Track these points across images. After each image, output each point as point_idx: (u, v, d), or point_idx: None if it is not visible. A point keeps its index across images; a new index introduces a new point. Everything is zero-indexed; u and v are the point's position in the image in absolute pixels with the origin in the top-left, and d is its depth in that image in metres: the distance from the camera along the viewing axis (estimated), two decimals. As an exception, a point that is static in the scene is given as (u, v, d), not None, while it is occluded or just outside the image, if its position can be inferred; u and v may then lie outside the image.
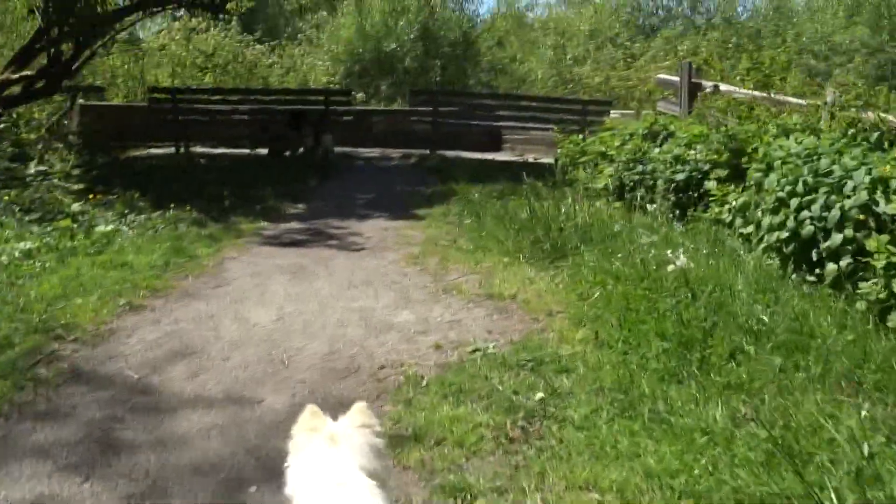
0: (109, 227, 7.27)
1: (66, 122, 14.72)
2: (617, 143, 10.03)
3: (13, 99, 12.90)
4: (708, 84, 14.49)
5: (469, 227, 8.39)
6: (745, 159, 6.95)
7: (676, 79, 14.88)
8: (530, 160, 14.53)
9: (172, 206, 8.82)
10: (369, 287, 6.14)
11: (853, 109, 11.66)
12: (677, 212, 7.75)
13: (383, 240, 8.16)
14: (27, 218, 7.28)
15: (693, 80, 14.33)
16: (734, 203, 6.68)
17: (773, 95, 13.20)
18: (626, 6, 34.94)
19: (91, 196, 8.39)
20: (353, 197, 10.98)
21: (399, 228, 8.76)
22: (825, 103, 11.86)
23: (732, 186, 6.93)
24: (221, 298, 5.79)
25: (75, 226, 7.17)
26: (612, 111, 15.15)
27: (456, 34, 28.03)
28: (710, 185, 7.12)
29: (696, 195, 7.55)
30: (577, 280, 5.79)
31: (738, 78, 18.78)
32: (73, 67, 13.75)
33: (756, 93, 14.32)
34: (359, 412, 2.29)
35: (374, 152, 16.13)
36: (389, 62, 28.13)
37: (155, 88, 16.16)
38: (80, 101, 16.74)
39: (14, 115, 14.40)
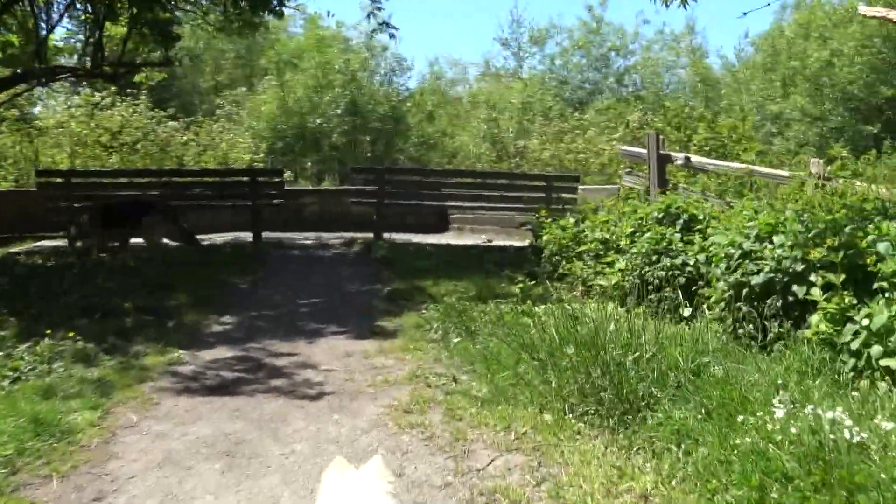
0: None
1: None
2: (628, 230, 7.94)
3: None
4: (678, 156, 12.81)
5: (464, 350, 6.06)
6: (870, 259, 4.88)
7: (642, 150, 13.20)
8: (493, 244, 12.43)
9: (49, 331, 6.21)
10: (354, 487, 3.70)
11: (841, 181, 10.08)
12: (749, 327, 5.61)
13: (350, 375, 5.72)
14: None
15: (661, 151, 12.65)
16: (865, 322, 4.57)
17: (753, 167, 11.58)
18: (553, 80, 34.00)
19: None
20: (296, 303, 8.50)
21: (367, 353, 6.33)
22: (810, 174, 10.22)
23: (851, 296, 4.84)
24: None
25: None
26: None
27: (385, 108, 26.12)
28: (815, 293, 5.01)
29: (780, 305, 5.44)
30: (697, 470, 3.51)
31: (694, 149, 17.33)
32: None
33: (733, 164, 12.72)
34: (377, 465, 2.43)
35: (308, 238, 13.72)
36: (314, 138, 26.03)
37: (45, 171, 13.39)
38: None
39: None
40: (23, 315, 6.95)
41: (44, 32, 12.90)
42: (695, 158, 12.88)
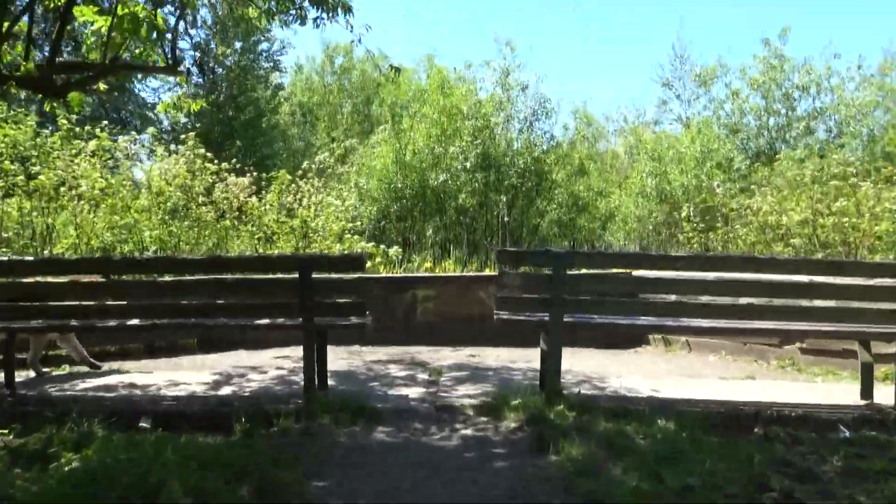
0: None
1: None
2: None
3: None
4: None
5: None
6: None
7: None
8: (772, 395, 5.45)
9: None
10: None
11: None
12: None
13: None
14: None
15: None
16: None
17: None
18: (723, 128, 26.63)
19: None
20: None
21: None
22: None
23: None
24: None
25: None
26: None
27: (525, 160, 19.59)
28: None
29: None
30: None
31: None
32: None
33: None
34: None
35: (416, 383, 7.17)
36: (437, 199, 19.75)
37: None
38: None
39: None
40: None
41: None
42: None
